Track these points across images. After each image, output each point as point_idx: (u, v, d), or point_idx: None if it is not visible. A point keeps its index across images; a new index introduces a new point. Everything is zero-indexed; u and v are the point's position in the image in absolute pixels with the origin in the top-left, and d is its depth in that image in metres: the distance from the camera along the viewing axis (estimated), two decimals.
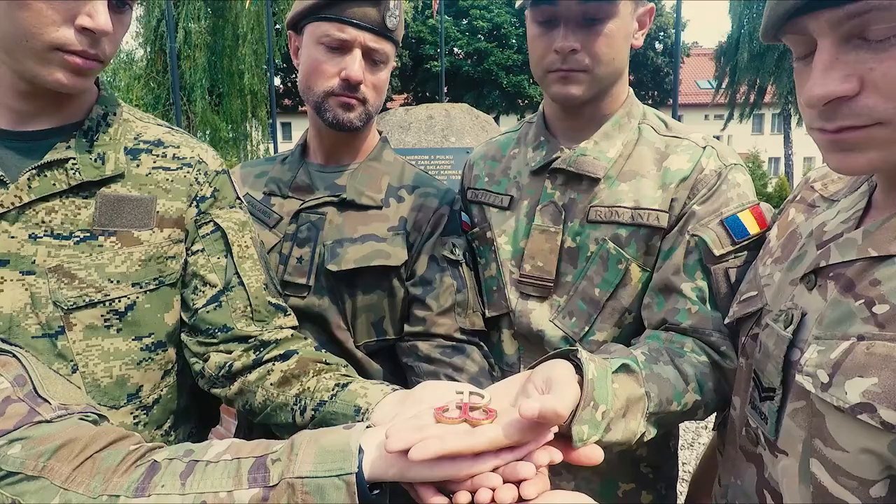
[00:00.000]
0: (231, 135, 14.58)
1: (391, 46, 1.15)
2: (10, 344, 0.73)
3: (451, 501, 0.62)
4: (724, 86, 23.83)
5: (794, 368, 0.67)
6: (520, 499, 0.58)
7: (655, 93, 28.44)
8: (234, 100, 14.08)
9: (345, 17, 1.08)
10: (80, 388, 0.85)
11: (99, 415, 0.72)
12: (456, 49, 26.40)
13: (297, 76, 1.22)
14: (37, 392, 0.67)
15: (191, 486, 0.62)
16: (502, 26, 26.69)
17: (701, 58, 31.42)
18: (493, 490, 0.59)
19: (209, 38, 13.18)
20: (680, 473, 3.18)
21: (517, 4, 1.65)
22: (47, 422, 0.65)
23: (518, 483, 0.59)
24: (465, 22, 27.08)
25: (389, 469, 0.61)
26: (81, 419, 0.68)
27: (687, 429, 3.94)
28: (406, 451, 0.59)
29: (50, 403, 0.67)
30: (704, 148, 1.04)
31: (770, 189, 19.61)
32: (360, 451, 0.62)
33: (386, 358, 1.17)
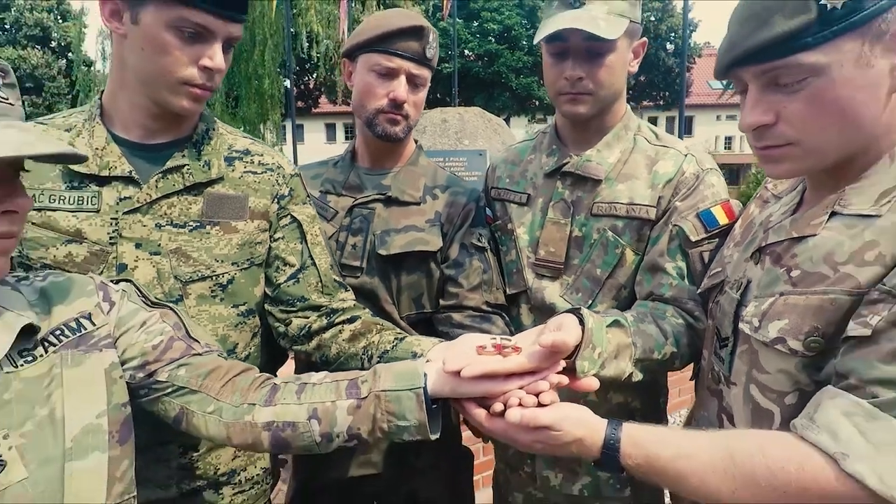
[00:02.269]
0: None
1: (429, 72, 1.40)
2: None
3: (487, 412, 0.87)
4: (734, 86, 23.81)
5: (740, 320, 0.90)
6: (538, 405, 0.83)
7: (667, 93, 28.48)
8: (250, 103, 14.39)
9: (392, 49, 1.33)
10: None
11: (226, 355, 0.97)
12: (467, 51, 26.59)
13: (309, 79, 1.47)
14: (189, 334, 0.92)
15: (304, 398, 0.87)
16: (513, 28, 26.86)
17: (713, 58, 31.32)
18: (520, 399, 0.83)
19: None
20: None
21: (535, 41, 1.79)
22: (199, 354, 0.91)
23: (537, 395, 0.84)
24: (475, 24, 27.29)
25: (445, 387, 0.86)
26: (219, 355, 0.94)
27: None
28: (458, 372, 0.83)
29: (199, 342, 0.92)
30: (686, 156, 1.28)
31: None
32: (424, 375, 0.87)
33: (424, 328, 1.41)
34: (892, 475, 0.65)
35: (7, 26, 27.88)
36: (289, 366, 1.49)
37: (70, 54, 24.03)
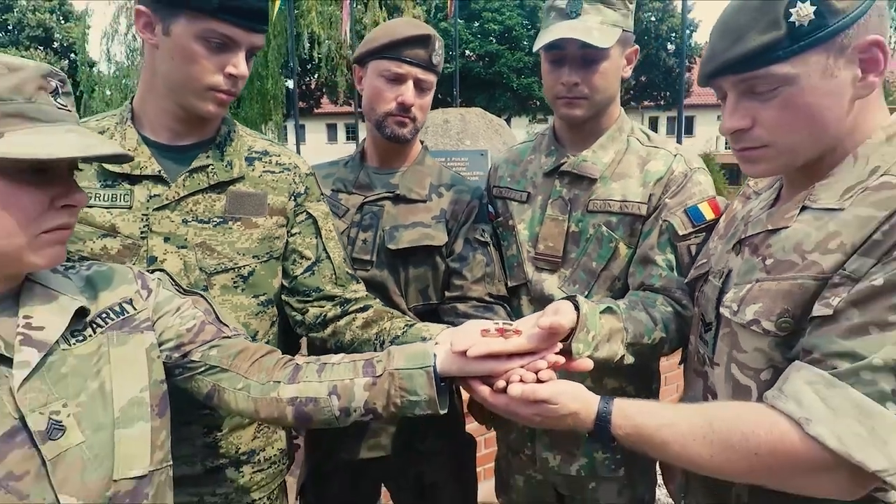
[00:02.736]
0: None
1: (435, 77, 1.49)
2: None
3: (491, 389, 0.95)
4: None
5: (722, 306, 0.99)
6: (538, 381, 0.92)
7: (667, 93, 28.52)
8: (253, 104, 14.51)
9: (401, 56, 1.41)
10: None
11: (252, 338, 1.06)
12: (468, 52, 26.64)
13: (310, 80, 1.55)
14: (219, 319, 1.01)
15: (324, 376, 0.96)
16: (514, 29, 26.92)
17: None
18: (520, 376, 0.92)
19: None
20: None
21: (534, 49, 1.84)
22: (228, 337, 0.99)
23: (536, 372, 0.93)
24: (476, 24, 27.36)
25: (452, 366, 0.95)
26: (245, 338, 1.03)
27: None
28: (465, 352, 0.92)
29: (228, 326, 1.01)
30: (676, 156, 1.37)
31: None
32: (434, 355, 0.96)
33: (431, 319, 1.49)
34: (849, 436, 0.73)
35: (10, 27, 28.02)
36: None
37: (72, 55, 24.16)
